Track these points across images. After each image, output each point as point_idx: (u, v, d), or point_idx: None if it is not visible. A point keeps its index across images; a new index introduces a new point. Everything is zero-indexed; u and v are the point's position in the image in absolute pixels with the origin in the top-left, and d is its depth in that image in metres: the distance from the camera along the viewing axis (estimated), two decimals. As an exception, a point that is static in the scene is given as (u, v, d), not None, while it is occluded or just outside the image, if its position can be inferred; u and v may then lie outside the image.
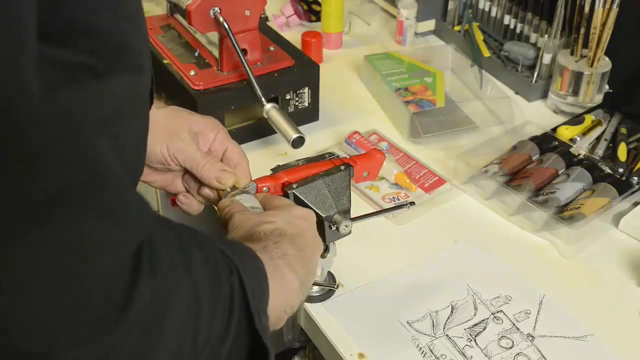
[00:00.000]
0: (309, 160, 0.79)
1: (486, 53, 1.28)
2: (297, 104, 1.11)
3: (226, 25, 0.98)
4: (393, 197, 0.98)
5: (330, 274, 0.84)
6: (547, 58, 1.19)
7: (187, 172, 0.78)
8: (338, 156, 0.81)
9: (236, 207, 0.68)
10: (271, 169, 0.78)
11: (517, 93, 1.24)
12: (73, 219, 0.39)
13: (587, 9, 1.10)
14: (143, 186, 1.34)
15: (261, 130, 1.08)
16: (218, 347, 0.48)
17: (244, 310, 0.51)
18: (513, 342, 0.78)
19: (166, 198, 1.35)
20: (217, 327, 0.48)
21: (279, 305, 0.58)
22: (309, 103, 1.12)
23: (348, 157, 0.81)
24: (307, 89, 1.10)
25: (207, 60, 1.08)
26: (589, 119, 1.10)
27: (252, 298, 0.51)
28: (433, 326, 0.79)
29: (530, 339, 0.78)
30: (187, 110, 0.81)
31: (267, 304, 0.55)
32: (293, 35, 1.32)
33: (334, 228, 0.75)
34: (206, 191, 0.78)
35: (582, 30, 1.12)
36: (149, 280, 0.42)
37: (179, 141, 0.77)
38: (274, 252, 0.59)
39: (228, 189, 0.77)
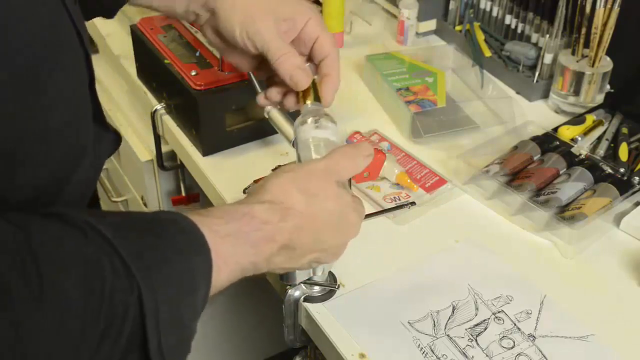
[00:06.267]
0: (310, 161, 0.79)
1: (487, 53, 1.28)
2: (298, 104, 1.11)
3: (227, 26, 0.98)
4: (394, 197, 0.98)
5: (331, 274, 0.84)
6: (548, 58, 1.19)
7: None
8: (339, 156, 0.80)
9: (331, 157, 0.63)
10: (272, 169, 0.78)
11: (518, 93, 1.24)
12: None
13: (588, 8, 1.10)
14: (144, 186, 1.34)
15: (262, 130, 1.08)
16: None
17: (140, 332, 0.47)
18: (514, 342, 0.78)
19: (167, 198, 1.35)
20: (104, 351, 0.45)
21: (244, 262, 0.55)
22: (309, 103, 1.12)
23: (349, 157, 0.81)
24: (308, 89, 1.10)
25: (208, 60, 1.08)
26: (590, 118, 1.10)
27: (154, 318, 0.47)
28: (434, 326, 0.79)
29: (532, 339, 0.78)
30: None
31: (198, 307, 0.51)
32: (294, 35, 1.32)
33: (335, 228, 0.75)
34: (274, 93, 0.73)
35: (584, 30, 1.12)
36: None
37: (260, 25, 0.71)
38: (259, 226, 0.56)
39: (307, 103, 0.70)
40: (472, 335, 0.78)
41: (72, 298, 0.43)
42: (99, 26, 1.41)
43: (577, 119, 1.11)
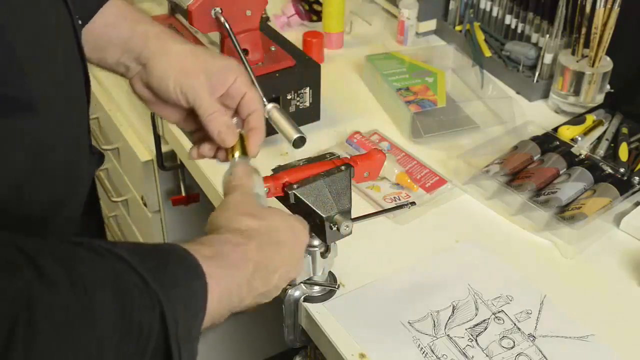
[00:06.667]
0: (310, 161, 0.79)
1: (487, 53, 1.28)
2: (298, 104, 1.11)
3: (227, 26, 0.98)
4: (394, 197, 0.98)
5: (331, 274, 0.84)
6: (548, 58, 1.19)
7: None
8: (339, 156, 0.81)
9: (244, 184, 0.67)
10: (272, 169, 0.78)
11: (518, 93, 1.24)
12: None
13: (588, 8, 1.10)
14: (144, 186, 1.35)
15: (262, 130, 1.08)
16: None
17: (163, 345, 0.49)
18: (514, 342, 0.78)
19: (167, 198, 1.35)
20: None
21: (224, 300, 0.57)
22: (310, 103, 1.12)
23: (349, 157, 0.81)
24: (308, 89, 1.10)
25: (208, 61, 1.08)
26: (590, 118, 1.10)
27: (174, 334, 0.49)
28: (434, 326, 0.79)
29: (532, 339, 0.78)
30: (208, 51, 0.79)
31: (197, 327, 0.53)
32: (294, 35, 1.32)
33: (334, 228, 0.75)
34: (206, 149, 0.76)
35: (584, 30, 1.12)
36: (22, 353, 0.39)
37: (193, 81, 0.74)
38: (229, 251, 0.58)
39: (235, 156, 0.74)
40: (472, 335, 0.78)
41: (110, 311, 0.45)
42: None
43: (577, 119, 1.11)
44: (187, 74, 0.74)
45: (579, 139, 1.06)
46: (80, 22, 0.68)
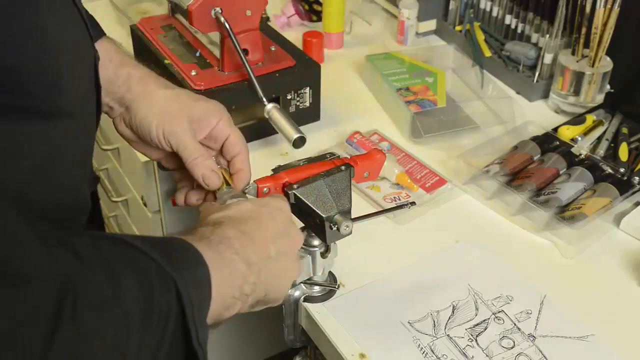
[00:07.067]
0: (310, 161, 0.79)
1: (487, 53, 1.28)
2: (298, 104, 1.11)
3: (227, 26, 0.98)
4: (394, 197, 0.98)
5: (331, 274, 0.84)
6: (548, 58, 1.19)
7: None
8: (339, 156, 0.81)
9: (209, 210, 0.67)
10: (272, 169, 0.78)
11: (518, 93, 1.24)
12: None
13: (588, 8, 1.10)
14: (144, 186, 1.35)
15: (262, 130, 1.08)
16: None
17: (181, 327, 0.50)
18: (514, 342, 0.78)
19: (167, 198, 1.35)
20: (148, 351, 0.47)
21: (226, 293, 0.57)
22: (310, 103, 1.12)
23: (349, 157, 0.82)
24: (308, 89, 1.10)
25: (208, 61, 1.08)
26: (590, 118, 1.10)
27: (191, 314, 0.50)
28: (434, 326, 0.79)
29: (532, 339, 0.78)
30: (190, 94, 0.80)
31: (206, 313, 0.54)
32: (294, 35, 1.32)
33: (334, 228, 0.75)
34: (194, 199, 0.79)
35: (584, 30, 1.12)
36: (69, 331, 0.41)
37: (175, 126, 0.76)
38: (211, 238, 0.58)
39: (224, 189, 0.76)
40: (472, 335, 0.78)
41: (134, 294, 0.47)
42: (99, 26, 1.41)
43: (577, 119, 1.11)
44: (169, 120, 0.76)
45: (579, 139, 1.06)
46: None
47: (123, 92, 0.77)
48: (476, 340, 0.78)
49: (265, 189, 0.75)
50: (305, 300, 0.82)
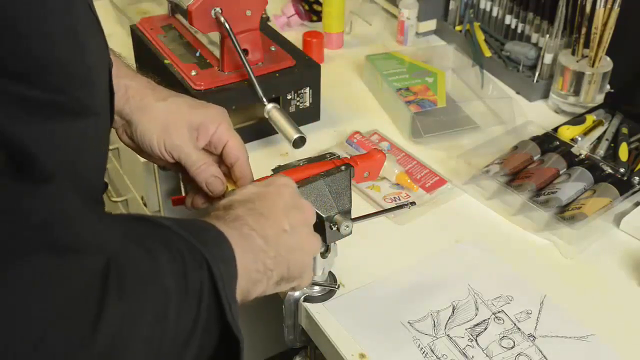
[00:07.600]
0: (310, 161, 0.79)
1: (487, 53, 1.28)
2: (298, 104, 1.11)
3: (227, 26, 0.98)
4: (394, 197, 0.98)
5: (331, 274, 0.84)
6: (548, 58, 1.19)
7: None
8: (339, 156, 0.81)
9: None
10: (272, 169, 0.78)
11: (518, 93, 1.24)
12: (26, 263, 0.39)
13: (588, 8, 1.10)
14: (144, 186, 1.35)
15: (262, 130, 1.08)
16: (184, 346, 0.49)
17: (214, 303, 0.51)
18: (514, 342, 0.78)
19: (167, 198, 1.35)
20: (184, 327, 0.49)
21: (250, 268, 0.58)
22: (310, 103, 1.12)
23: (349, 157, 0.81)
24: (308, 89, 1.10)
25: (208, 61, 1.08)
26: (590, 119, 1.10)
27: (223, 289, 0.52)
28: (434, 326, 0.79)
29: (532, 339, 0.78)
30: (189, 102, 0.80)
31: (235, 290, 0.55)
32: (294, 35, 1.32)
33: (334, 228, 0.75)
34: (199, 202, 0.79)
35: (584, 30, 1.12)
36: (117, 304, 0.42)
37: (176, 138, 0.77)
38: (226, 217, 0.60)
39: (229, 191, 0.77)
40: (472, 335, 0.78)
41: (171, 271, 0.48)
42: (99, 26, 1.41)
43: (577, 119, 1.11)
44: (170, 132, 0.77)
45: (579, 139, 1.06)
46: None
47: (122, 106, 0.78)
48: (476, 340, 0.78)
49: None
50: (305, 300, 0.82)
